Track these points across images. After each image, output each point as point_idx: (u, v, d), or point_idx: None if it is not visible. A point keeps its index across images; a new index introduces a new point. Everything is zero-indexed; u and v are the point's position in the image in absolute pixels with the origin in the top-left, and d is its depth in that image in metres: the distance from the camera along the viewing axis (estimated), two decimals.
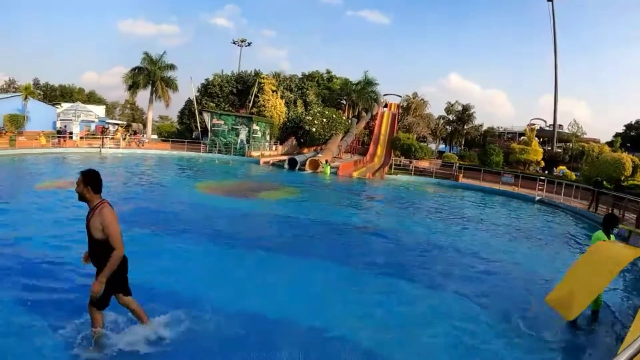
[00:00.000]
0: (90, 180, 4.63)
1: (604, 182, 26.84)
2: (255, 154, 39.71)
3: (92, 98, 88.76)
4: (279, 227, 14.47)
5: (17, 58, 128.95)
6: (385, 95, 61.50)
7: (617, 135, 60.26)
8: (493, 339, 7.03)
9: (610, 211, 18.72)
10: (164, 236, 11.64)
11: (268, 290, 8.45)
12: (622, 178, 28.17)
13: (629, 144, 55.90)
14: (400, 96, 61.63)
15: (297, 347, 6.28)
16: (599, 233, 7.58)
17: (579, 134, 57.35)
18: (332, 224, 15.34)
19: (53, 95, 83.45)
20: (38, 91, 75.89)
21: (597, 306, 7.62)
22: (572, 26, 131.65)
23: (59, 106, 56.10)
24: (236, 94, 50.18)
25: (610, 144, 48.95)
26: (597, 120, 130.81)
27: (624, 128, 65.15)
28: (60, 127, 42.20)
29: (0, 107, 41.89)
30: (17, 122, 41.46)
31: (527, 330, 7.31)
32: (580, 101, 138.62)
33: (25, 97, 42.89)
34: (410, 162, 38.00)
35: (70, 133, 40.00)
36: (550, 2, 56.77)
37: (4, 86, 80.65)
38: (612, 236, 7.68)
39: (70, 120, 46.92)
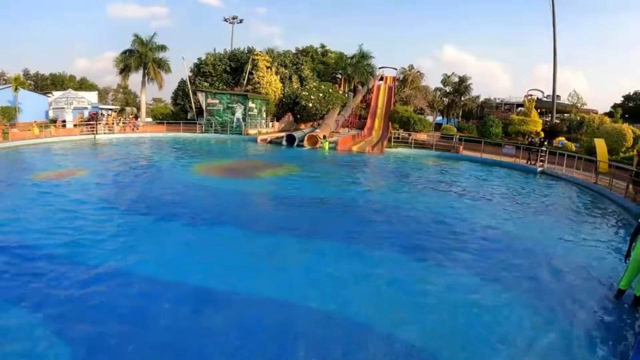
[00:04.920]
0: None
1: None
2: (252, 132, 39.21)
3: (84, 85, 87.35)
4: (281, 206, 14.22)
5: (5, 50, 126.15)
6: (380, 68, 60.45)
7: (615, 106, 59.64)
8: (508, 315, 6.88)
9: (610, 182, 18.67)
10: (163, 221, 11.43)
11: (275, 272, 8.25)
12: (623, 149, 27.90)
13: (627, 115, 55.30)
14: (396, 69, 60.76)
15: (312, 332, 6.06)
16: None
17: (579, 105, 56.68)
18: (336, 200, 15.07)
19: (44, 84, 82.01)
20: (29, 81, 74.42)
21: None
22: None
23: (50, 95, 55.07)
24: (230, 72, 49.25)
25: (610, 114, 48.37)
26: (593, 90, 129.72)
27: (623, 99, 64.48)
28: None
29: None
30: (8, 114, 40.65)
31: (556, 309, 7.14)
32: (576, 71, 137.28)
33: (16, 88, 41.93)
34: (410, 134, 37.55)
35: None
36: None
37: None
38: None
39: (63, 108, 46.09)
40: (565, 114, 55.39)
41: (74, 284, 7.21)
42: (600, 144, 22.70)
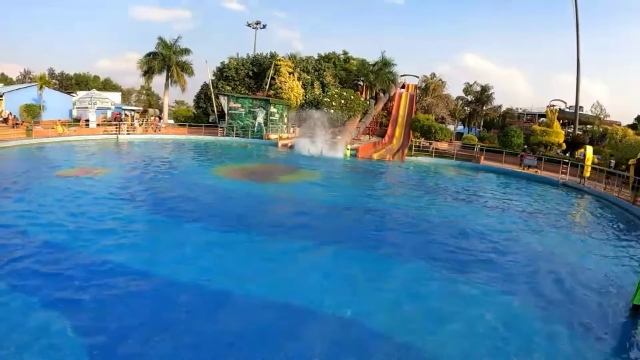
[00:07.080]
0: None
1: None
2: (273, 136, 39.40)
3: (107, 85, 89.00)
4: (300, 211, 14.21)
5: (32, 49, 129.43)
6: (402, 75, 60.31)
7: (639, 118, 58.41)
8: (528, 330, 6.77)
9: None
10: (183, 223, 11.53)
11: (292, 277, 8.26)
12: None
13: None
14: (418, 77, 60.50)
15: (328, 338, 6.05)
16: None
17: (602, 116, 55.64)
18: (356, 208, 15.02)
19: (69, 84, 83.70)
20: (54, 81, 76.07)
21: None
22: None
23: (74, 94, 56.16)
24: (252, 76, 49.64)
25: (633, 126, 47.32)
26: (617, 101, 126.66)
27: None
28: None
29: (16, 98, 42.03)
30: (33, 112, 41.63)
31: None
32: (599, 81, 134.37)
33: (41, 87, 42.92)
34: (430, 143, 37.33)
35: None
36: None
37: (20, 77, 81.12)
38: None
39: (86, 108, 46.99)
40: (588, 126, 54.46)
41: (87, 279, 7.36)
42: (589, 151, 26.32)
